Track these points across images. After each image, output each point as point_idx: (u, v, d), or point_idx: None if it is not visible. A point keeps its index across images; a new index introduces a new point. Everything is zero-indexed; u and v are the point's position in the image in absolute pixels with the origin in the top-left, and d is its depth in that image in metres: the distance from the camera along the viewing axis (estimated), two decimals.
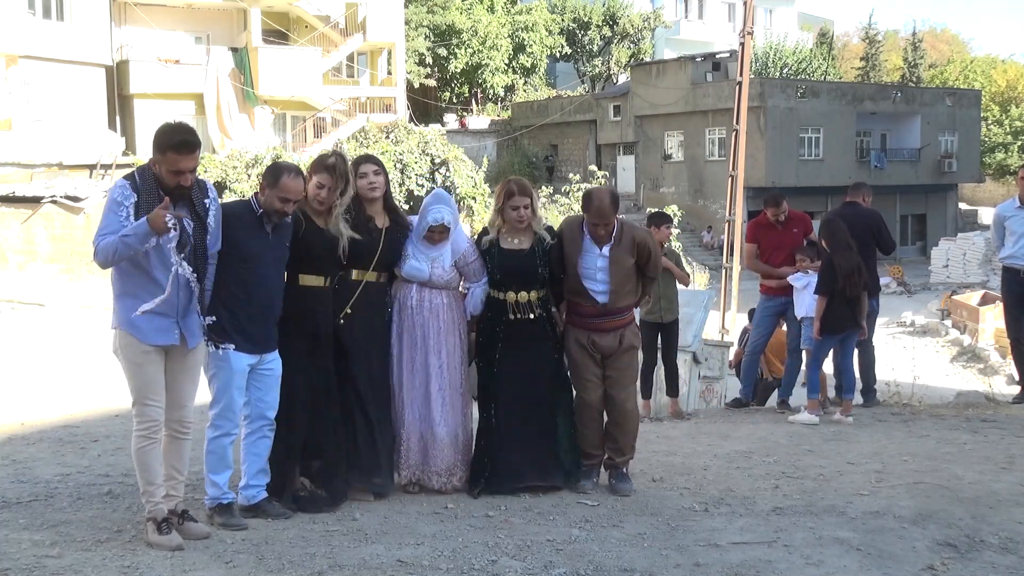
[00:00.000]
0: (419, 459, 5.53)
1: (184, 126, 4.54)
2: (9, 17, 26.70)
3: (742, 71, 19.92)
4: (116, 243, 4.30)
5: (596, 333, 5.65)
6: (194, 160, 4.46)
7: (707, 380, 11.55)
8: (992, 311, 22.23)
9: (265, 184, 4.89)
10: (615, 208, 5.61)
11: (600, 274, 5.58)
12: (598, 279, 5.58)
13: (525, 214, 5.55)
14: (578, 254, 5.59)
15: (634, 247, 5.63)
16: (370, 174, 5.43)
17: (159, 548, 4.41)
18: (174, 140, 4.39)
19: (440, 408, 5.52)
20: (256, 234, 4.86)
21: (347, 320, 5.34)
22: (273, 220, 4.89)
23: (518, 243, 5.62)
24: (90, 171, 26.41)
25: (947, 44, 73.93)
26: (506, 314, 5.60)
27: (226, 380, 4.83)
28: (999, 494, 5.48)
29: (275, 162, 5.09)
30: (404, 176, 29.77)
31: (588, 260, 5.59)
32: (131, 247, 4.30)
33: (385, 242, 5.42)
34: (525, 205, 5.54)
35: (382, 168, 5.54)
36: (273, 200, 4.84)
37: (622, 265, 5.59)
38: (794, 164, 36.44)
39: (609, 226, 5.57)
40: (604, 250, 5.58)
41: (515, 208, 5.55)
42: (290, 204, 4.87)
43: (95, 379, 10.53)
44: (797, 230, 8.76)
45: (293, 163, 5.20)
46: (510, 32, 44.71)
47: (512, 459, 5.56)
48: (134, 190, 4.40)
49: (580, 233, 5.63)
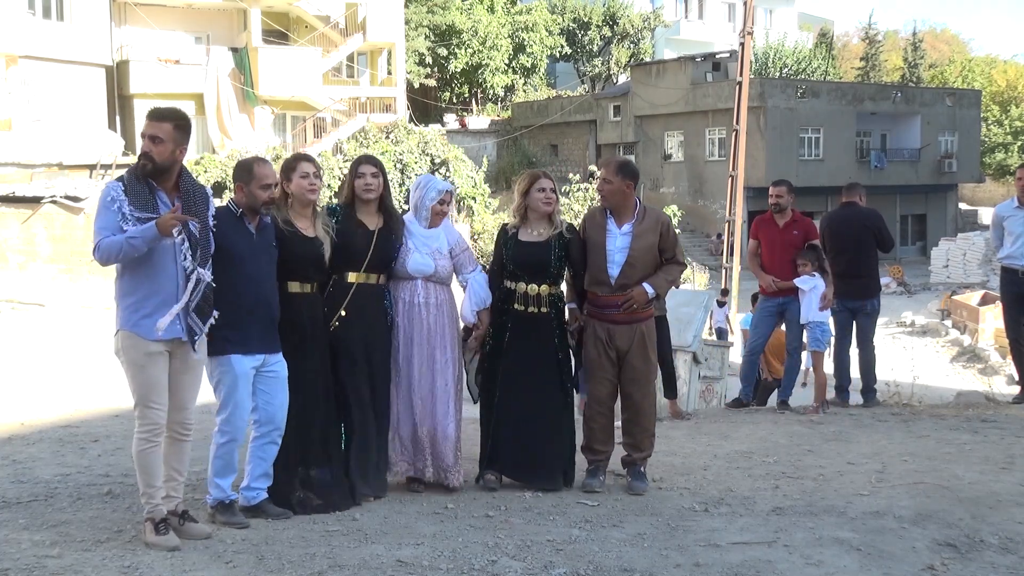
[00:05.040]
0: (428, 456, 5.52)
1: (173, 108, 4.62)
2: (9, 17, 26.71)
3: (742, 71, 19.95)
4: (121, 243, 4.33)
5: (613, 325, 5.66)
6: (161, 130, 4.43)
7: (707, 380, 11.55)
8: (992, 311, 22.24)
9: (241, 183, 4.91)
10: (624, 172, 5.67)
11: (620, 255, 5.62)
12: (616, 260, 5.62)
13: (551, 196, 5.67)
14: (603, 236, 5.66)
15: (657, 225, 5.70)
16: (367, 175, 5.43)
17: (156, 548, 4.40)
18: (152, 111, 4.53)
19: (447, 404, 5.53)
20: (241, 234, 4.88)
21: (341, 323, 5.33)
22: (260, 213, 4.91)
23: (537, 235, 5.67)
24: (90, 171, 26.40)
25: (947, 44, 73.93)
26: (513, 304, 5.63)
27: (231, 385, 4.83)
28: (999, 494, 5.47)
29: (238, 162, 5.13)
30: (404, 176, 29.78)
31: (611, 240, 5.65)
32: (136, 248, 4.34)
33: (377, 243, 5.40)
34: (551, 188, 5.68)
35: (381, 170, 5.51)
36: (256, 192, 4.86)
37: (644, 242, 5.64)
38: (794, 164, 36.40)
39: (611, 185, 5.64)
40: (626, 227, 5.65)
41: (541, 190, 5.65)
42: (271, 189, 4.91)
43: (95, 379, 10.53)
44: (798, 232, 8.75)
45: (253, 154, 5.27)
46: (510, 32, 44.69)
47: (512, 453, 5.60)
48: (124, 192, 4.43)
49: (603, 217, 5.72)
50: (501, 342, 5.68)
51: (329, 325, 5.32)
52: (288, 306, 5.09)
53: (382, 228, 5.46)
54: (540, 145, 43.27)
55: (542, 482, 5.63)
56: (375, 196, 5.46)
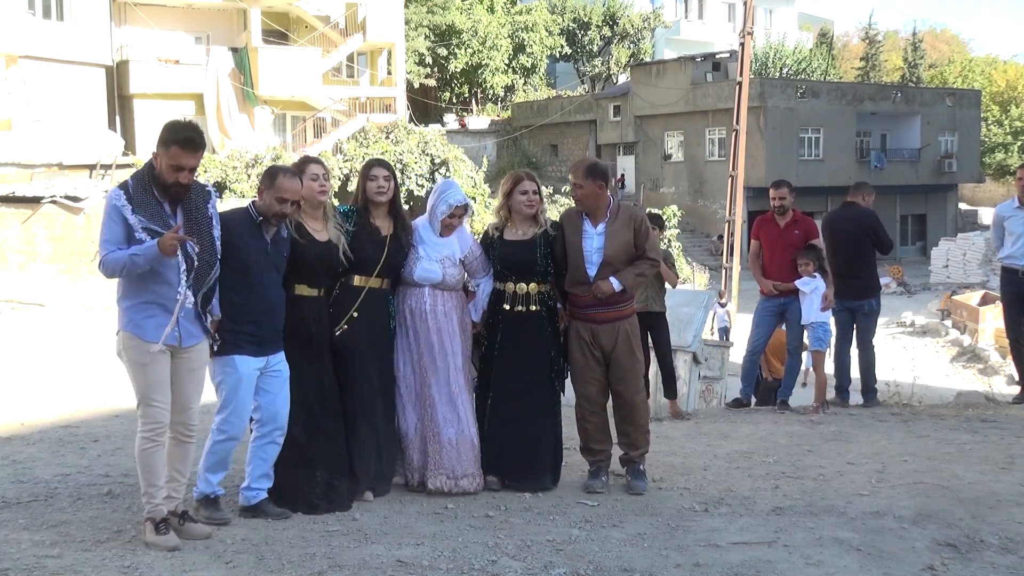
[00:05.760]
0: (451, 464, 5.49)
1: (193, 125, 4.60)
2: (9, 17, 26.70)
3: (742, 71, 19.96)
4: (125, 259, 4.37)
5: (595, 325, 5.67)
6: (196, 159, 4.49)
7: (707, 380, 11.55)
8: (992, 311, 22.26)
9: (262, 187, 4.91)
10: (593, 174, 5.65)
11: (596, 255, 5.63)
12: (594, 260, 5.63)
13: (534, 198, 5.67)
14: (579, 237, 5.66)
15: (630, 221, 5.70)
16: (380, 178, 5.45)
17: (156, 548, 4.41)
18: (180, 136, 4.44)
19: (464, 410, 5.53)
20: (255, 242, 4.87)
21: (351, 326, 5.34)
22: (272, 224, 4.90)
23: (522, 234, 5.68)
24: (90, 171, 26.40)
25: (947, 44, 73.95)
26: (503, 304, 5.64)
27: (234, 385, 4.83)
28: (999, 494, 5.47)
29: (272, 165, 5.13)
30: (404, 176, 29.78)
31: (587, 241, 5.65)
32: (139, 266, 4.39)
33: (390, 248, 5.43)
34: (534, 190, 5.68)
35: (392, 174, 5.55)
36: (271, 201, 4.86)
37: (618, 239, 5.64)
38: (794, 164, 36.41)
39: (582, 189, 5.63)
40: (600, 227, 5.66)
41: (524, 192, 5.66)
42: (287, 205, 4.89)
43: (95, 379, 10.53)
44: (799, 232, 8.75)
45: (289, 165, 5.23)
46: (510, 32, 44.71)
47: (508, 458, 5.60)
48: (128, 200, 4.44)
49: (579, 218, 5.72)
50: (494, 343, 5.70)
51: (336, 328, 5.32)
52: (295, 309, 5.09)
53: (394, 233, 5.48)
54: (540, 145, 43.29)
55: (533, 482, 5.63)
56: (387, 199, 5.49)
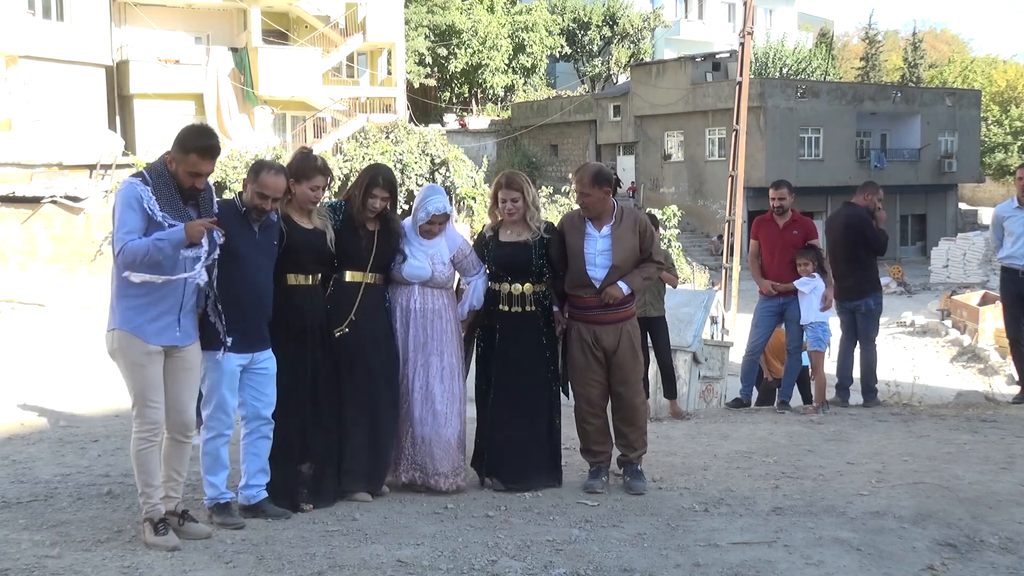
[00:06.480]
0: (423, 461, 5.53)
1: (210, 131, 4.64)
2: (9, 17, 26.69)
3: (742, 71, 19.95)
4: (148, 246, 4.33)
5: (598, 326, 5.66)
6: (212, 165, 4.54)
7: (707, 380, 11.55)
8: (992, 311, 22.25)
9: (247, 180, 4.91)
10: (600, 181, 5.59)
11: (601, 258, 5.60)
12: (598, 263, 5.60)
13: (513, 207, 5.61)
14: (581, 240, 5.62)
15: (635, 225, 5.67)
16: (379, 199, 5.37)
17: (155, 548, 4.41)
18: (200, 144, 4.46)
19: (444, 409, 5.53)
20: (243, 233, 4.84)
21: (352, 327, 5.33)
22: (254, 217, 4.87)
23: (516, 235, 5.67)
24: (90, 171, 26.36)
25: (947, 44, 73.93)
26: (499, 305, 5.64)
27: (216, 380, 4.82)
28: (999, 494, 5.48)
29: (258, 159, 5.13)
30: (404, 176, 29.75)
31: (590, 244, 5.61)
32: (163, 252, 4.35)
33: (378, 243, 5.41)
34: (513, 199, 5.61)
35: (392, 195, 5.44)
36: (252, 195, 4.84)
37: (625, 243, 5.62)
38: (794, 164, 36.40)
39: (590, 197, 5.59)
40: (605, 230, 5.63)
41: (503, 201, 5.64)
42: (268, 201, 4.85)
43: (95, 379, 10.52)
44: (798, 232, 8.74)
45: (276, 161, 5.21)
46: (510, 32, 44.70)
47: (509, 460, 5.61)
48: (147, 185, 4.42)
49: (581, 221, 5.69)
50: (492, 345, 5.70)
51: (337, 331, 5.29)
52: (287, 299, 5.08)
53: (381, 229, 5.46)
54: (540, 145, 43.27)
55: (534, 483, 5.64)
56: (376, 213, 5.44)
